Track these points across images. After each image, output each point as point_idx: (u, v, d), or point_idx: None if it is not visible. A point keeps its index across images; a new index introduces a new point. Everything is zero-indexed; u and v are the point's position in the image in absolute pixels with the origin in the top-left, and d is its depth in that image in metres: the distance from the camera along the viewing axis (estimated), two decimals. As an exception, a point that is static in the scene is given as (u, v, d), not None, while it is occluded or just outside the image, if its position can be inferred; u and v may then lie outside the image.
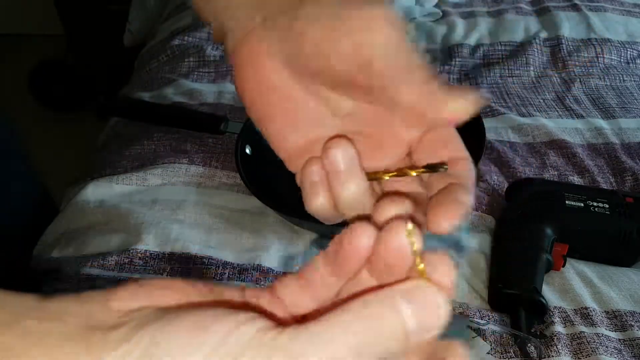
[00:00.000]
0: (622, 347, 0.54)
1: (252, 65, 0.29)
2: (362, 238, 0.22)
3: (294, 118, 0.30)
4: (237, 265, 0.59)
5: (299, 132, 0.30)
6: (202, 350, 0.19)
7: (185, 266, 0.59)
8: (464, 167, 0.28)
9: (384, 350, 0.20)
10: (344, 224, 0.25)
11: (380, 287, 0.21)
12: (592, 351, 0.53)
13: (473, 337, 0.54)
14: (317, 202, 0.28)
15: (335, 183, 0.27)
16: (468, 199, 0.27)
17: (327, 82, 0.29)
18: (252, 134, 0.66)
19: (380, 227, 0.22)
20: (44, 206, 0.78)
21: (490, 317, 0.56)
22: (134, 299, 0.21)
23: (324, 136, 0.29)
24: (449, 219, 0.25)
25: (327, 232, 0.62)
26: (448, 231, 0.25)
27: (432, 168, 0.27)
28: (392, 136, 0.29)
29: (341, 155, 0.27)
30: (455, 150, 0.29)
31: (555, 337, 0.54)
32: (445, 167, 0.27)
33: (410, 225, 0.21)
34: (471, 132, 0.66)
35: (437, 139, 0.29)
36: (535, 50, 0.93)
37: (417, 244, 0.21)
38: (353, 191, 0.27)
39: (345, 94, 0.29)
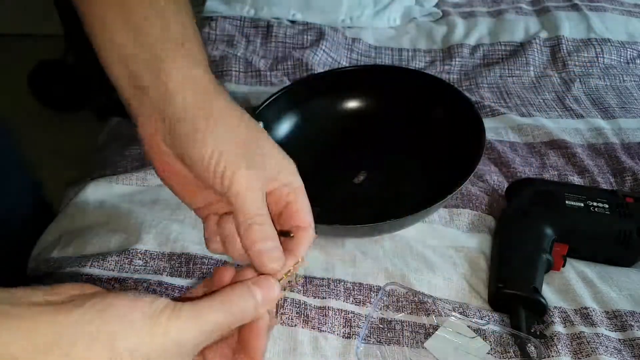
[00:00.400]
0: (622, 347, 0.54)
1: (156, 152, 0.40)
2: (226, 274, 0.38)
3: (190, 190, 0.41)
4: (237, 265, 0.59)
5: (196, 198, 0.42)
6: (138, 309, 0.29)
7: (185, 266, 0.59)
8: (301, 234, 0.40)
9: (244, 315, 0.34)
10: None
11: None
12: (592, 351, 0.53)
13: (473, 337, 0.54)
14: (213, 246, 0.42)
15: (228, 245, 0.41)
16: (293, 260, 0.39)
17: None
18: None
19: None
20: (39, 207, 0.78)
21: (490, 317, 0.56)
22: (71, 290, 0.30)
23: (214, 200, 0.41)
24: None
25: (326, 231, 0.62)
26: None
27: (283, 234, 0.40)
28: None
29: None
30: (301, 222, 0.40)
31: (555, 337, 0.54)
32: (292, 234, 0.40)
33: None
34: (471, 132, 0.66)
35: (290, 213, 0.40)
36: (535, 50, 0.93)
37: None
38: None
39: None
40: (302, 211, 0.40)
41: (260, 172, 0.39)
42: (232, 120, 0.40)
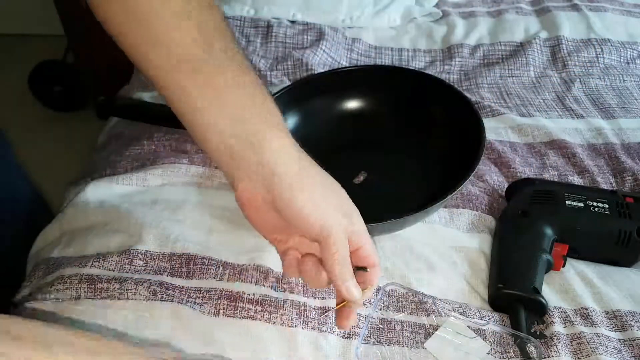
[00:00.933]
0: (622, 347, 0.54)
1: (252, 206, 0.48)
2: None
3: (275, 231, 0.50)
4: (237, 265, 0.60)
5: (278, 236, 0.50)
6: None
7: (185, 266, 0.59)
8: (374, 272, 0.49)
9: None
10: None
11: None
12: (592, 351, 0.53)
13: (473, 337, 0.54)
14: (292, 275, 0.49)
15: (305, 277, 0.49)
16: (371, 293, 0.49)
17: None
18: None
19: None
20: (35, 204, 0.78)
21: (490, 317, 0.56)
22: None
23: (292, 236, 0.49)
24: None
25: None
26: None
27: (360, 269, 0.49)
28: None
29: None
30: (371, 260, 0.49)
31: (555, 337, 0.54)
32: (367, 269, 0.49)
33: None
34: (471, 132, 0.66)
35: (362, 255, 0.48)
36: (535, 50, 0.93)
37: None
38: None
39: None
40: (373, 254, 0.49)
41: (344, 221, 0.46)
42: (317, 177, 0.48)
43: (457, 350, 0.54)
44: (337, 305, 0.49)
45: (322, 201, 0.46)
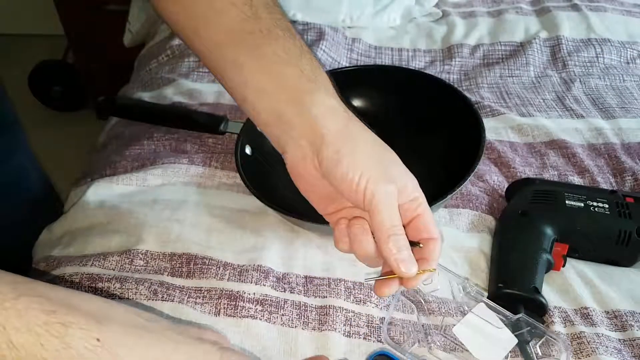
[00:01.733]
0: (622, 347, 0.54)
1: (301, 173, 0.47)
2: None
3: (325, 200, 0.48)
4: (238, 266, 0.60)
5: (330, 207, 0.49)
6: None
7: (185, 266, 0.59)
8: (433, 245, 0.45)
9: None
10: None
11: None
12: (592, 351, 0.53)
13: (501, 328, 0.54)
14: (342, 246, 0.46)
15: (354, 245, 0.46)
16: (433, 264, 0.46)
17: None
18: (252, 134, 0.66)
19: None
20: (44, 191, 0.79)
21: (491, 317, 0.56)
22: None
23: (345, 207, 0.48)
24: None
25: (326, 231, 0.62)
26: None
27: (413, 244, 0.44)
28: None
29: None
30: (430, 233, 0.45)
31: (556, 337, 0.54)
32: (420, 245, 0.45)
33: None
34: (471, 132, 0.66)
35: (419, 225, 0.45)
36: (535, 50, 0.93)
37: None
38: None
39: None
40: (431, 224, 0.45)
41: (394, 187, 0.44)
42: (366, 141, 0.46)
43: (485, 339, 0.52)
44: (383, 274, 0.45)
45: (370, 165, 0.43)
